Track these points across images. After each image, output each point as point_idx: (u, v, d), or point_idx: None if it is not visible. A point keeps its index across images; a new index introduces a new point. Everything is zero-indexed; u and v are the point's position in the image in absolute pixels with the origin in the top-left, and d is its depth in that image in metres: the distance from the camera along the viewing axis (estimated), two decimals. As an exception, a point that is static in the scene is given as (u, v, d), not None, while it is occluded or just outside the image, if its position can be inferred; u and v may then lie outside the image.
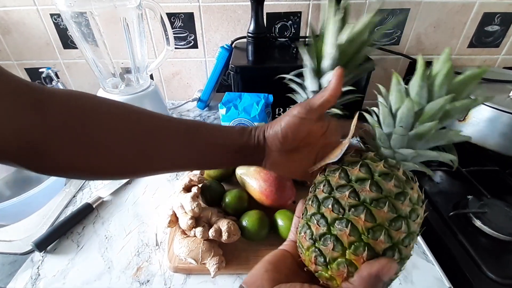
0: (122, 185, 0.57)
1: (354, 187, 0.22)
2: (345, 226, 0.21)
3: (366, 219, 0.21)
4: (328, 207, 0.23)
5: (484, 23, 0.73)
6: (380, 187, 0.22)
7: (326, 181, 0.24)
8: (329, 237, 0.22)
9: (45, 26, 0.75)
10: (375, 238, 0.21)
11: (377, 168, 0.23)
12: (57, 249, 0.45)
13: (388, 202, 0.21)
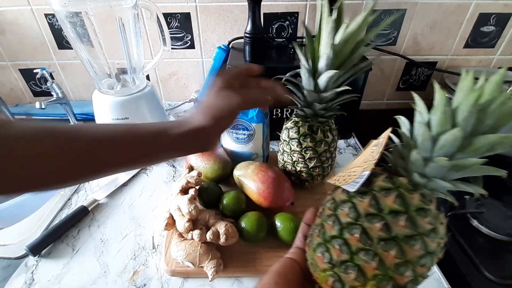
0: (118, 188, 0.56)
1: (386, 219, 0.21)
2: (372, 258, 0.20)
3: (396, 255, 0.20)
4: (354, 235, 0.21)
5: (480, 23, 0.74)
6: (415, 224, 0.21)
7: (351, 204, 0.22)
8: (352, 266, 0.21)
9: (40, 26, 0.74)
10: (400, 273, 0.20)
11: (413, 201, 0.21)
12: (52, 253, 0.44)
13: (420, 240, 0.20)
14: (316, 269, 0.24)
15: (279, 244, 0.42)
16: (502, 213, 0.51)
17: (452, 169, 0.22)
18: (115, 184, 0.57)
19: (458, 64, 0.80)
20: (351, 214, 0.22)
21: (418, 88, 0.85)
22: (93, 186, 0.58)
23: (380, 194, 0.22)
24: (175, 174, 0.61)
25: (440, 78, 0.81)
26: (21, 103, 0.87)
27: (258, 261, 0.41)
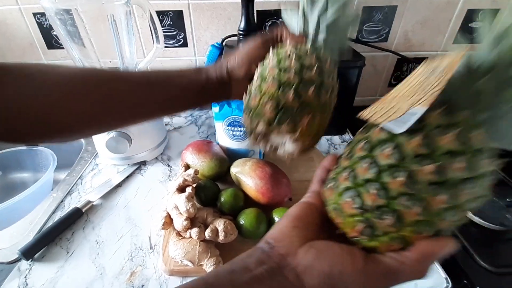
0: (112, 188, 0.55)
1: (440, 161, 0.18)
2: (416, 204, 0.18)
3: (447, 200, 0.18)
4: (397, 179, 0.18)
5: (468, 19, 0.75)
6: (474, 166, 0.18)
7: (395, 144, 0.19)
8: (388, 211, 0.19)
9: (28, 26, 0.72)
10: (444, 218, 0.18)
11: (475, 140, 0.18)
12: (45, 256, 0.43)
13: (479, 184, 0.18)
14: (341, 215, 0.21)
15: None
16: (495, 204, 0.52)
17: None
18: (109, 185, 0.56)
19: (448, 59, 0.82)
20: (394, 155, 0.19)
21: (410, 84, 0.87)
22: (87, 187, 0.57)
23: (434, 131, 0.18)
24: (170, 173, 0.60)
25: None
26: (9, 105, 0.85)
27: (257, 257, 0.41)
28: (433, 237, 0.19)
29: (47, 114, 0.26)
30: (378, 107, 0.23)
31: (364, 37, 0.77)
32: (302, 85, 0.26)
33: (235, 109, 0.51)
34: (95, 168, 0.62)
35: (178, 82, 0.32)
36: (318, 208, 0.24)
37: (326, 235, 0.23)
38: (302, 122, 0.26)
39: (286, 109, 0.26)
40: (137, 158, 0.62)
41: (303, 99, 0.26)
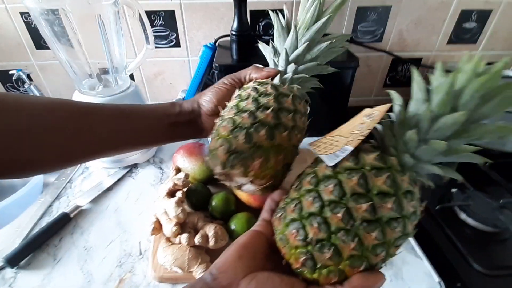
0: (102, 192, 0.54)
1: (373, 200, 0.20)
2: (352, 239, 0.20)
3: (377, 237, 0.20)
4: (336, 215, 0.20)
5: (462, 20, 0.75)
6: (401, 206, 0.21)
7: (337, 181, 0.21)
8: (328, 245, 0.20)
9: (15, 25, 0.70)
10: (376, 254, 0.20)
11: (403, 184, 0.21)
12: (32, 264, 0.42)
13: (402, 223, 0.20)
14: (286, 245, 0.23)
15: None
16: (488, 205, 0.52)
17: (443, 153, 0.21)
18: (99, 188, 0.55)
19: (442, 60, 0.82)
20: (335, 192, 0.21)
21: (405, 84, 0.86)
22: (76, 191, 0.55)
23: (370, 173, 0.21)
24: (162, 176, 0.59)
25: (425, 75, 0.82)
26: (-3, 106, 0.83)
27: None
28: (367, 271, 0.20)
29: (18, 147, 0.25)
30: (324, 141, 0.26)
31: (359, 38, 0.77)
32: (255, 127, 0.25)
33: (226, 111, 0.50)
34: (85, 171, 0.61)
35: (151, 114, 0.32)
36: (267, 237, 0.24)
37: (273, 264, 0.23)
38: (253, 165, 0.25)
39: (237, 153, 0.25)
40: (128, 161, 0.61)
41: (254, 141, 0.25)
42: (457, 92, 0.20)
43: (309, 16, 0.30)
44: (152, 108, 0.33)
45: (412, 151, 0.22)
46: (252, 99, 0.27)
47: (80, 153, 0.29)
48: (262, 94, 0.28)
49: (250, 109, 0.26)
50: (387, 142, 0.23)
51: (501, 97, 0.19)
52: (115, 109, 0.31)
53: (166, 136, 0.33)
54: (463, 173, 0.64)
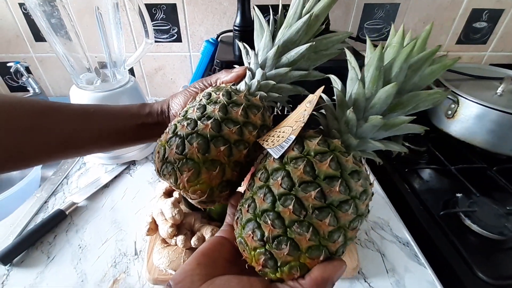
0: (98, 189, 0.53)
1: (321, 186, 0.20)
2: (306, 230, 0.19)
3: (330, 223, 0.19)
4: (288, 207, 0.19)
5: (472, 19, 0.73)
6: (349, 187, 0.20)
7: (285, 172, 0.21)
8: (285, 240, 0.19)
9: (14, 17, 0.69)
10: (333, 240, 0.20)
11: (347, 164, 0.21)
12: (25, 261, 0.41)
13: (353, 204, 0.20)
14: (246, 248, 0.21)
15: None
16: (494, 212, 0.50)
17: (382, 128, 0.22)
18: (95, 185, 0.54)
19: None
20: (284, 184, 0.20)
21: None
22: (72, 187, 0.55)
23: (315, 159, 0.21)
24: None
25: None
26: (-4, 99, 0.82)
27: (246, 266, 0.39)
28: (328, 260, 0.20)
29: None
30: (271, 134, 0.25)
31: (365, 35, 0.75)
32: (189, 137, 0.23)
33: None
34: (82, 167, 0.60)
35: (118, 114, 0.31)
36: (231, 242, 0.23)
37: (238, 269, 0.22)
38: (182, 177, 0.23)
39: (168, 162, 0.24)
40: (126, 158, 0.60)
41: (186, 152, 0.23)
42: (387, 66, 0.21)
43: (291, 14, 0.27)
44: (120, 109, 0.32)
45: (353, 130, 0.22)
46: (198, 106, 0.25)
47: (35, 153, 0.28)
48: (212, 101, 0.25)
49: (193, 117, 0.24)
50: (331, 126, 0.24)
51: (430, 66, 0.20)
52: (79, 109, 0.30)
53: (133, 136, 0.32)
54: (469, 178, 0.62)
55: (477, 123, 0.63)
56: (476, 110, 0.63)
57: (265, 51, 0.28)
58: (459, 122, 0.66)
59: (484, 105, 0.61)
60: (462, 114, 0.65)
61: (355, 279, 0.39)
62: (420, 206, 0.53)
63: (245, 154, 0.25)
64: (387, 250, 0.43)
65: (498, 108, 0.59)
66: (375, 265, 0.41)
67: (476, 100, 0.62)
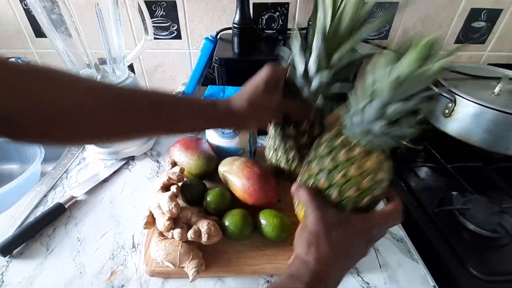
0: (98, 184, 0.54)
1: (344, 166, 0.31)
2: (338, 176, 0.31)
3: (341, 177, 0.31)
4: (340, 174, 0.31)
5: (471, 19, 0.73)
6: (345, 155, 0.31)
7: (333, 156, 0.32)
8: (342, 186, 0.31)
9: (15, 12, 0.69)
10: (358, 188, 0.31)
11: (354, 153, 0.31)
12: (24, 253, 0.42)
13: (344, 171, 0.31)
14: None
15: (263, 242, 0.41)
16: (488, 209, 0.50)
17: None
18: (95, 180, 0.54)
19: (448, 60, 0.80)
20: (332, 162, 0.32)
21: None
22: (72, 182, 0.55)
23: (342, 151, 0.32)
24: (159, 169, 0.58)
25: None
26: (-3, 94, 0.82)
27: (242, 260, 0.40)
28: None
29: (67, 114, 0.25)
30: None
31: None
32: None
33: (224, 106, 0.49)
34: (81, 162, 0.60)
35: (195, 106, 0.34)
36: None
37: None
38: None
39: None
40: (125, 153, 0.60)
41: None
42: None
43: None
44: (192, 109, 0.34)
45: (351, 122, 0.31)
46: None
47: (115, 134, 0.30)
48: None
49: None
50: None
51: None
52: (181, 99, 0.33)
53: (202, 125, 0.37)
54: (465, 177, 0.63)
55: (474, 122, 0.64)
56: (473, 109, 0.63)
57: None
58: (456, 121, 0.67)
59: (481, 104, 0.61)
60: (459, 113, 0.66)
61: (348, 273, 0.40)
62: (415, 203, 0.53)
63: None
64: (381, 246, 0.44)
65: (495, 108, 0.60)
66: (369, 260, 0.41)
67: (473, 99, 0.62)
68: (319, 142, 0.35)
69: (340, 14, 0.33)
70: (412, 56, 0.24)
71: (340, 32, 0.34)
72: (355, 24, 0.33)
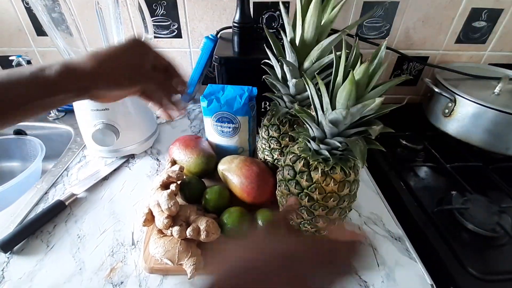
0: (98, 181, 0.54)
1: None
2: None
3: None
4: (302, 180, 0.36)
5: (472, 18, 0.73)
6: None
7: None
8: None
9: (16, 10, 0.70)
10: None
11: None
12: (25, 249, 0.42)
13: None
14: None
15: (262, 240, 0.41)
16: (487, 209, 0.51)
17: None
18: (95, 177, 0.55)
19: (449, 59, 0.80)
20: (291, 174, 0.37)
21: (410, 83, 0.85)
22: (72, 179, 0.56)
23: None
24: (158, 167, 0.59)
25: (431, 73, 0.80)
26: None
27: (240, 257, 0.40)
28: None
29: None
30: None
31: (364, 33, 0.75)
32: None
33: (223, 105, 0.49)
34: (82, 160, 0.61)
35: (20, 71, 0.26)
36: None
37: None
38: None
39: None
40: (125, 151, 0.60)
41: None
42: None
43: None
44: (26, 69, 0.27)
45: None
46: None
47: None
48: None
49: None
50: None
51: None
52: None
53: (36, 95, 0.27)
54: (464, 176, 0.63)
55: (474, 122, 0.64)
56: (473, 109, 0.63)
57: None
58: (456, 120, 0.67)
59: (481, 104, 0.61)
60: (459, 113, 0.66)
61: (346, 271, 0.40)
62: (415, 202, 0.53)
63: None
64: (379, 245, 0.44)
65: (495, 107, 0.60)
66: (367, 258, 0.42)
67: (473, 99, 0.62)
68: (288, 150, 0.39)
69: (304, 25, 0.37)
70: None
71: (307, 41, 0.38)
72: (322, 32, 0.37)
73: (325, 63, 0.39)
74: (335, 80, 0.31)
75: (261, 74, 0.46)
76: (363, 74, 0.28)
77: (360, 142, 0.30)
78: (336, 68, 0.31)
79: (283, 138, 0.45)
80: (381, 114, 0.30)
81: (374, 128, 0.29)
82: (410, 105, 0.79)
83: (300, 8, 0.36)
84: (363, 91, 0.30)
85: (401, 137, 0.68)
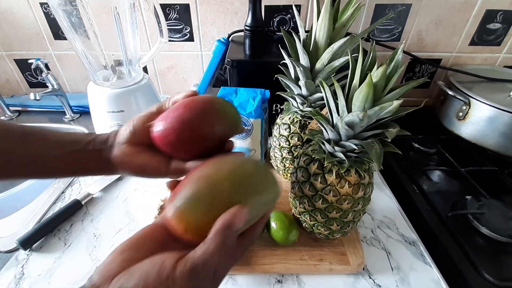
0: (112, 181, 0.55)
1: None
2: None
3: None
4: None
5: (486, 20, 0.72)
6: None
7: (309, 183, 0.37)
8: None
9: (35, 15, 0.72)
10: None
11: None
12: (43, 247, 0.44)
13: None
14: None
15: (274, 242, 0.41)
16: (503, 214, 0.49)
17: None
18: (110, 178, 0.56)
19: (462, 61, 0.79)
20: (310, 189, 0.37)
21: (422, 86, 0.84)
22: (88, 179, 0.57)
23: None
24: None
25: (444, 76, 0.79)
26: (17, 94, 0.86)
27: (253, 259, 0.40)
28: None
29: None
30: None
31: (376, 36, 0.75)
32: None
33: (237, 107, 0.49)
34: (97, 161, 0.62)
35: (55, 137, 0.28)
36: (162, 226, 0.23)
37: (175, 249, 0.21)
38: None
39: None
40: (138, 152, 0.61)
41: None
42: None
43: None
44: (61, 134, 0.28)
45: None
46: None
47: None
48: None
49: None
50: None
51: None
52: (17, 128, 0.27)
53: (67, 166, 0.28)
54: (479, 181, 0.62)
55: (489, 126, 0.63)
56: (488, 112, 0.62)
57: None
58: (470, 124, 0.65)
59: (496, 107, 0.60)
60: (473, 116, 0.65)
61: (360, 275, 0.40)
62: (428, 207, 0.53)
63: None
64: (392, 249, 0.43)
65: (510, 111, 0.59)
66: (380, 262, 0.41)
67: (488, 102, 0.61)
68: (300, 152, 0.40)
69: (316, 28, 0.38)
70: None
71: (319, 44, 0.39)
72: (335, 35, 0.38)
73: (337, 66, 0.39)
74: (351, 83, 0.32)
75: (272, 76, 0.47)
76: (380, 77, 0.28)
77: (376, 144, 0.30)
78: (352, 71, 0.31)
79: (292, 138, 0.47)
80: (398, 117, 0.30)
81: (391, 131, 0.29)
82: (422, 108, 0.78)
83: (317, 11, 0.37)
84: (380, 94, 0.30)
85: (414, 140, 0.68)
